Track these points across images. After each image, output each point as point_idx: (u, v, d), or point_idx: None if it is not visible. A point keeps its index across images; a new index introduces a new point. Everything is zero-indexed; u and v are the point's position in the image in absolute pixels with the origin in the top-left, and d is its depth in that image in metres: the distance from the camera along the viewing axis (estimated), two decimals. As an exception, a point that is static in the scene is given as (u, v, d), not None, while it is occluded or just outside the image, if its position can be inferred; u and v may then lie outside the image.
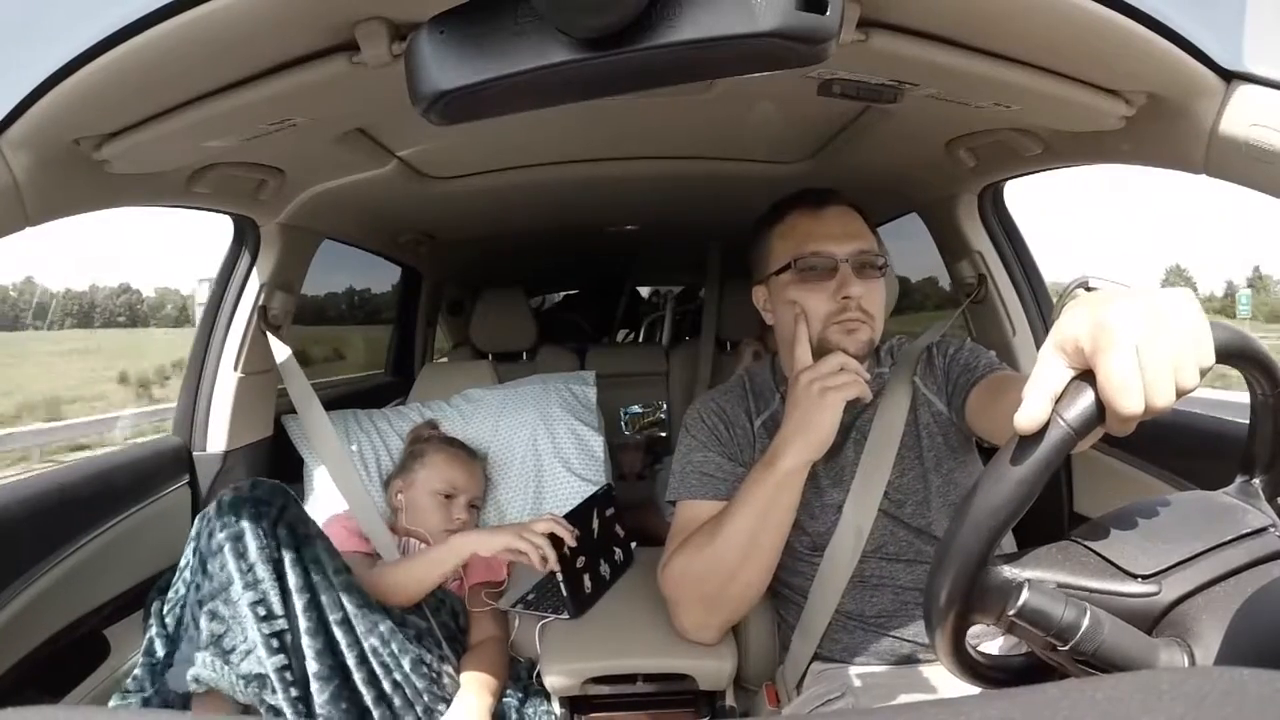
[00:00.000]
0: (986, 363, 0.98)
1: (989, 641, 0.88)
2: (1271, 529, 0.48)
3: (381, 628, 0.97)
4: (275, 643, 0.89)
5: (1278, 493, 0.51)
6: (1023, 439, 0.45)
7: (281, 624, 0.90)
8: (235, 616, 0.89)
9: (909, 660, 0.95)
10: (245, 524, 0.93)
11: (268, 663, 0.88)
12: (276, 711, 0.88)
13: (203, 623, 0.89)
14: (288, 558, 0.93)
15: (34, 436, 9.97)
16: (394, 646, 0.97)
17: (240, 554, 0.91)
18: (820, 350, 0.94)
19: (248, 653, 0.89)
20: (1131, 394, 0.41)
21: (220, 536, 0.91)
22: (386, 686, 0.94)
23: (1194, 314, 0.43)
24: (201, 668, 0.88)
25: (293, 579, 0.93)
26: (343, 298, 2.77)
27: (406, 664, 0.97)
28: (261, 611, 0.90)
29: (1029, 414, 0.45)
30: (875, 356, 1.07)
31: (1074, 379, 0.45)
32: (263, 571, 0.91)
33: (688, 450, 1.04)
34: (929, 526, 0.97)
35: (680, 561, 0.95)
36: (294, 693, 0.89)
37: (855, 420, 1.01)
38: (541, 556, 1.06)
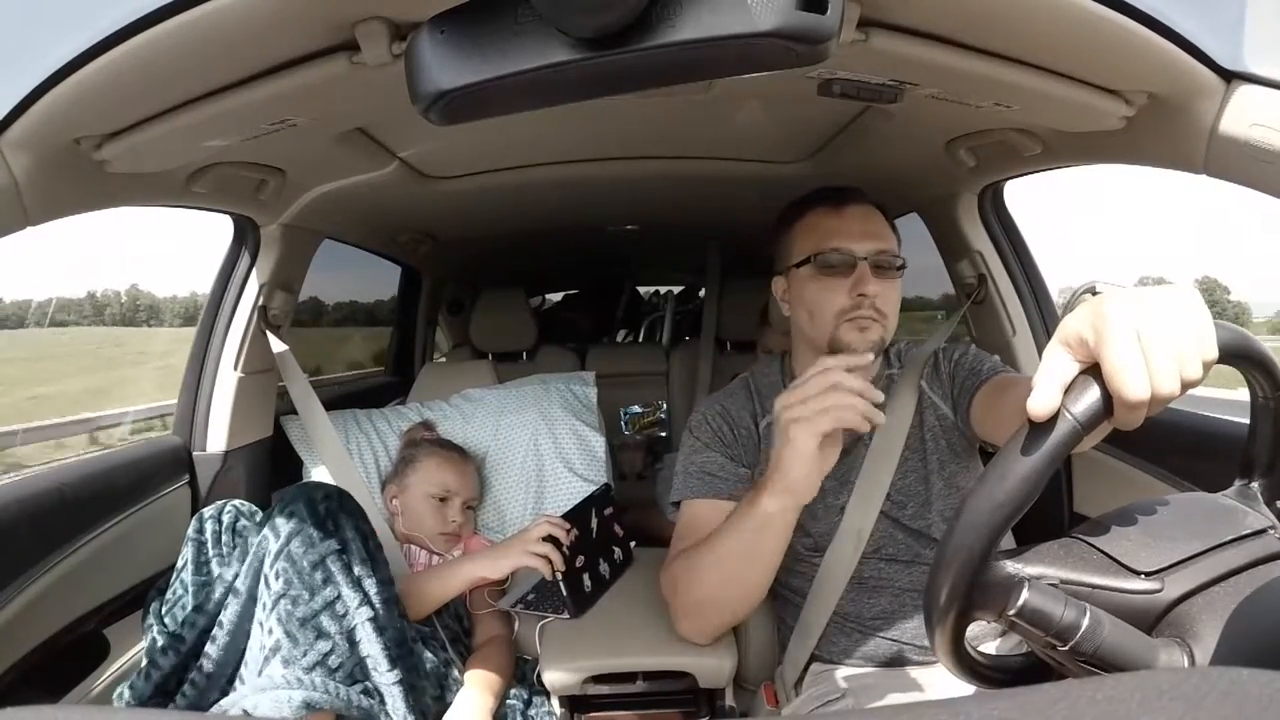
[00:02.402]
0: (990, 366, 0.98)
1: (988, 642, 0.88)
2: (1271, 531, 0.48)
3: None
4: (391, 655, 0.88)
5: (1277, 496, 0.51)
6: (1029, 434, 0.46)
7: (389, 635, 0.89)
8: (341, 631, 0.87)
9: (907, 662, 0.95)
10: (348, 534, 0.91)
11: (387, 677, 0.87)
12: None
13: (302, 638, 0.85)
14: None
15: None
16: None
17: (347, 567, 0.89)
18: (830, 349, 0.93)
19: (360, 670, 0.87)
20: (1136, 376, 0.42)
21: (320, 548, 0.88)
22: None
23: (1196, 308, 0.43)
24: (313, 691, 0.83)
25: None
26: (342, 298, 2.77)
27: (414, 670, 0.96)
28: (382, 625, 0.89)
29: (1040, 400, 0.45)
30: (885, 358, 1.07)
31: (1081, 373, 0.45)
32: (370, 585, 0.90)
33: (691, 451, 1.04)
34: (928, 529, 0.97)
35: (677, 569, 0.95)
36: (411, 701, 0.88)
37: None
38: (551, 566, 1.06)
